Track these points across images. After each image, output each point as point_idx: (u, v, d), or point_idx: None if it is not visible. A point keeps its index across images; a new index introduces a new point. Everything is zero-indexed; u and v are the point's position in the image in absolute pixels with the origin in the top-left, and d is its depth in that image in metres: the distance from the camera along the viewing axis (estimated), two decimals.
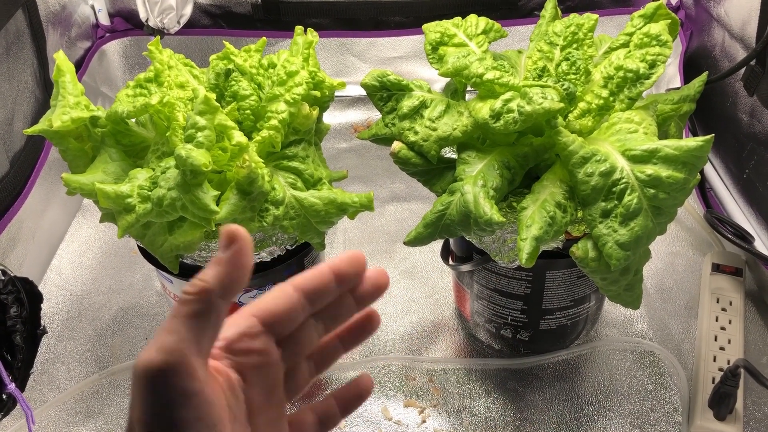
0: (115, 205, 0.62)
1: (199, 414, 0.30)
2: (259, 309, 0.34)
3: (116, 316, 0.88)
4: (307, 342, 0.37)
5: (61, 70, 0.67)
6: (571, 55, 0.69)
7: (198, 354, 0.31)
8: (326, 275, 0.35)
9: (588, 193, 0.61)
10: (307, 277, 0.35)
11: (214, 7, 1.19)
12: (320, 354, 0.39)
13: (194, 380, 0.30)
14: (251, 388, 0.34)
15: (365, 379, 0.40)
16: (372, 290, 0.38)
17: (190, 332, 0.31)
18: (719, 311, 0.81)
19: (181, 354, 0.30)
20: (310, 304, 0.35)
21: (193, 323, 0.31)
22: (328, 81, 0.70)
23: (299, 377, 0.38)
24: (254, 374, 0.35)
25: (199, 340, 0.31)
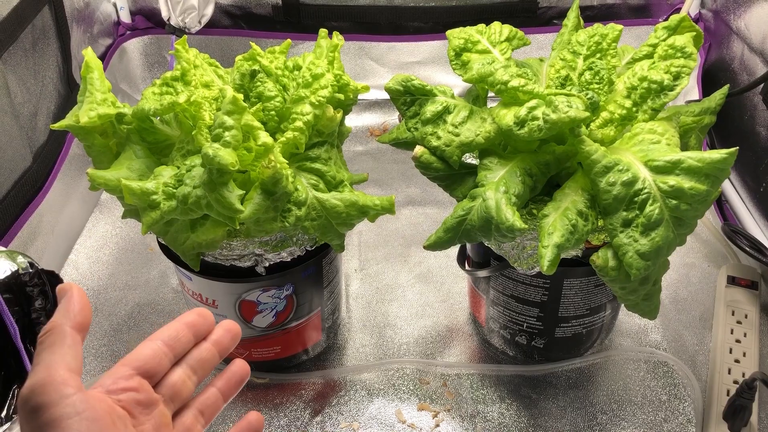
0: (141, 202, 0.63)
1: (76, 410, 0.35)
2: (128, 359, 0.41)
3: (132, 312, 0.89)
4: (184, 389, 0.43)
5: (89, 66, 0.68)
6: (595, 65, 0.69)
7: (66, 368, 0.36)
8: (180, 326, 0.43)
9: (610, 202, 0.61)
10: (164, 329, 0.43)
11: (235, 8, 1.19)
12: (205, 405, 0.45)
13: (66, 387, 0.35)
14: (141, 426, 0.39)
15: (255, 416, 0.47)
16: (228, 341, 0.46)
17: (51, 356, 0.36)
18: (734, 324, 0.81)
19: (47, 373, 0.35)
20: (170, 350, 0.42)
21: (53, 350, 0.37)
22: (352, 84, 0.70)
23: (189, 424, 0.43)
24: (139, 412, 0.39)
25: (62, 359, 0.36)
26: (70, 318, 0.38)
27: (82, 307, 0.39)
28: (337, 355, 0.83)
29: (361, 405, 0.77)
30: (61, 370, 0.36)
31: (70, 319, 0.38)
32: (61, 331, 0.38)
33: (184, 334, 0.43)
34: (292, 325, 0.75)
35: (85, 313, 0.39)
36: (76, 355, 0.37)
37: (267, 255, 0.67)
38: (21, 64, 0.84)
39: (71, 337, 0.38)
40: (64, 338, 0.38)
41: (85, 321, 0.39)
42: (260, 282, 0.70)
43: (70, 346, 0.37)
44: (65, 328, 0.38)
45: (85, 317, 0.39)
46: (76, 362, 0.37)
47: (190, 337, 0.43)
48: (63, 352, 0.37)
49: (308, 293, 0.74)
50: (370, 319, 0.87)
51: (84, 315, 0.39)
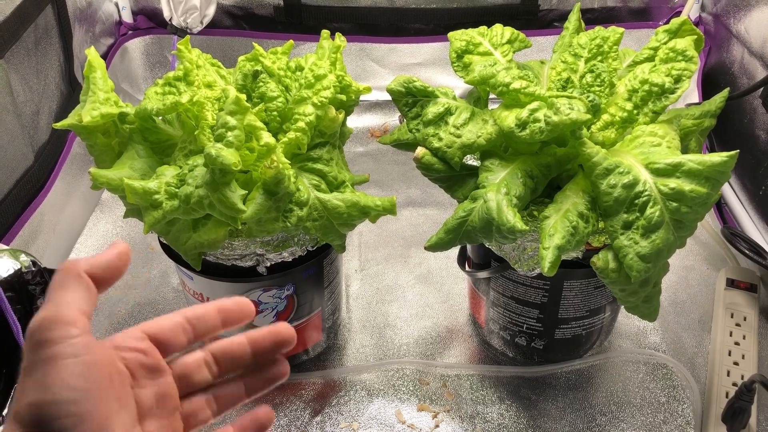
0: (143, 201, 0.63)
1: (75, 351, 0.34)
2: (145, 325, 0.39)
3: (132, 311, 0.89)
4: (198, 374, 0.41)
5: (92, 65, 0.68)
6: (596, 68, 0.69)
7: (77, 309, 0.35)
8: (210, 308, 0.41)
9: (610, 204, 0.61)
10: (193, 307, 0.41)
11: (237, 9, 1.20)
12: (222, 393, 0.42)
13: (72, 327, 0.34)
14: (141, 389, 0.38)
15: (265, 412, 0.43)
16: (269, 344, 0.42)
17: (64, 295, 0.35)
18: (733, 326, 0.82)
19: (56, 310, 0.34)
20: (191, 328, 0.40)
21: (66, 290, 0.36)
22: (354, 85, 0.70)
23: (197, 409, 0.41)
24: (142, 375, 0.38)
25: (75, 300, 0.35)
26: (91, 266, 0.37)
27: (109, 264, 0.37)
28: (337, 355, 0.83)
29: (361, 405, 0.77)
30: (72, 310, 0.35)
31: (90, 267, 0.37)
32: (76, 273, 0.36)
33: (211, 317, 0.41)
34: (292, 325, 0.75)
35: (108, 272, 0.37)
36: (89, 300, 0.36)
37: (268, 255, 0.67)
38: (23, 63, 0.85)
39: (86, 282, 0.36)
40: (80, 281, 0.36)
41: (105, 278, 0.37)
42: (261, 282, 0.70)
43: (85, 289, 0.36)
44: (80, 271, 0.36)
45: (107, 275, 0.37)
46: (88, 306, 0.36)
47: (218, 322, 0.41)
48: (77, 294, 0.36)
49: (309, 293, 0.74)
50: (370, 319, 0.88)
51: (106, 273, 0.37)
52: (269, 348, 0.42)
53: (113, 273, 0.38)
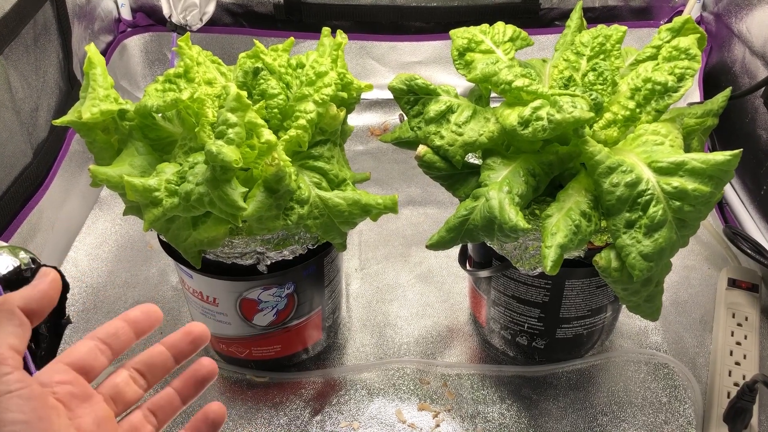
0: (143, 198, 0.62)
1: (8, 388, 0.35)
2: (61, 357, 0.40)
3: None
4: (129, 391, 0.42)
5: (92, 62, 0.67)
6: (598, 66, 0.69)
7: (7, 347, 0.36)
8: (119, 323, 0.42)
9: (613, 203, 0.61)
10: (103, 327, 0.42)
11: (237, 6, 1.19)
12: (157, 406, 0.43)
13: (4, 365, 0.35)
14: (79, 419, 0.39)
15: (216, 407, 0.44)
16: (186, 345, 0.44)
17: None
18: (735, 326, 0.81)
19: None
20: (107, 347, 0.41)
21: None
22: (356, 83, 0.70)
23: (138, 426, 0.42)
24: (76, 405, 0.39)
25: (5, 337, 0.36)
26: (24, 299, 0.38)
27: (43, 295, 0.39)
28: (337, 354, 0.83)
29: (362, 404, 0.77)
30: (2, 348, 0.36)
31: (24, 300, 0.38)
32: (9, 309, 0.37)
33: (123, 332, 0.42)
34: (292, 324, 0.75)
35: (43, 302, 0.39)
36: (20, 336, 0.37)
37: (269, 253, 0.67)
38: (22, 60, 0.84)
39: (18, 317, 0.37)
40: (12, 316, 0.37)
41: (40, 309, 0.38)
42: (261, 280, 0.70)
43: (17, 326, 0.37)
44: (13, 306, 0.37)
45: (41, 306, 0.38)
46: (20, 342, 0.37)
47: (131, 334, 0.42)
48: (8, 330, 0.36)
49: (309, 292, 0.74)
50: (370, 318, 0.87)
51: (41, 304, 0.38)
52: (188, 348, 0.44)
53: (48, 303, 0.39)
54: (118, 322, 0.42)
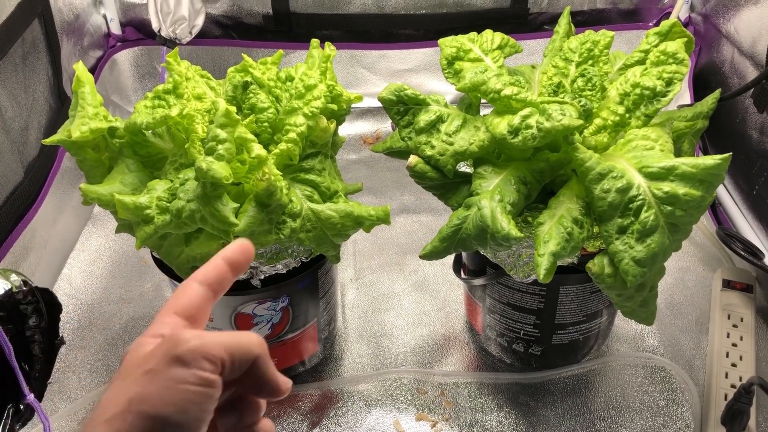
0: (134, 216, 0.62)
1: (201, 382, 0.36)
2: (177, 306, 0.39)
3: (127, 325, 0.88)
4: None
5: (80, 80, 0.67)
6: (587, 72, 0.69)
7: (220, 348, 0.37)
8: (222, 267, 0.41)
9: (605, 209, 0.61)
10: (208, 272, 0.40)
11: (226, 18, 1.19)
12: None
13: (209, 364, 0.36)
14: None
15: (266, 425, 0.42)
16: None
17: (207, 334, 0.37)
18: (730, 327, 0.81)
19: (201, 344, 0.36)
20: (213, 294, 0.40)
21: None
22: (345, 95, 0.70)
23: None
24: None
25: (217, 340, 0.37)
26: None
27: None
28: (334, 366, 0.82)
29: (359, 416, 0.76)
30: (217, 348, 0.36)
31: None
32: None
33: (226, 276, 0.41)
34: (288, 337, 0.75)
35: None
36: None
37: (262, 267, 0.67)
38: (11, 79, 0.84)
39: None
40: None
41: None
42: (256, 294, 0.70)
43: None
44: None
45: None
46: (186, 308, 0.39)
47: (231, 277, 0.41)
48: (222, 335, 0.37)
49: (304, 305, 0.74)
50: (366, 328, 0.87)
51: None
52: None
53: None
54: (219, 263, 0.41)
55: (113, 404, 0.34)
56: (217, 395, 0.35)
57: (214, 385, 0.35)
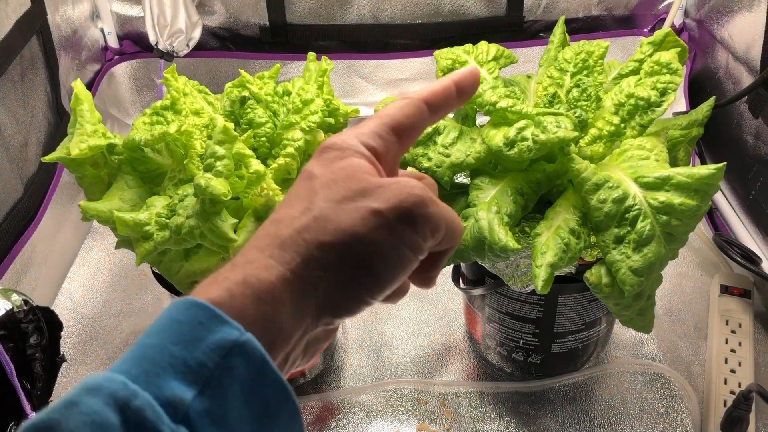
0: (134, 233, 0.63)
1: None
2: (390, 118, 0.36)
3: (128, 339, 0.89)
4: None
5: (78, 98, 0.68)
6: (582, 82, 0.70)
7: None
8: (451, 89, 0.38)
9: (601, 219, 0.62)
10: (435, 91, 0.38)
11: (223, 30, 1.20)
12: None
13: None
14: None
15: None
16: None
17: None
18: (729, 333, 0.82)
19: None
20: (431, 115, 0.38)
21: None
22: (342, 108, 0.71)
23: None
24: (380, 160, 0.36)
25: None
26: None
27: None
28: (334, 377, 0.83)
29: (360, 427, 0.77)
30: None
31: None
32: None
33: (452, 101, 0.38)
34: None
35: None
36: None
37: None
38: (10, 96, 0.84)
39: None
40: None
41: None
42: None
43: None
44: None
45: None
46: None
47: (457, 104, 0.39)
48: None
49: None
50: (366, 339, 0.87)
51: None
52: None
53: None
54: (447, 82, 0.38)
55: (333, 229, 0.32)
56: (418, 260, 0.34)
57: (423, 255, 0.34)
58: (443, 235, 0.35)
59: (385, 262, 0.32)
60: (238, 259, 0.32)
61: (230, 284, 0.31)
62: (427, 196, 0.33)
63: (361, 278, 0.32)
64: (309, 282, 0.32)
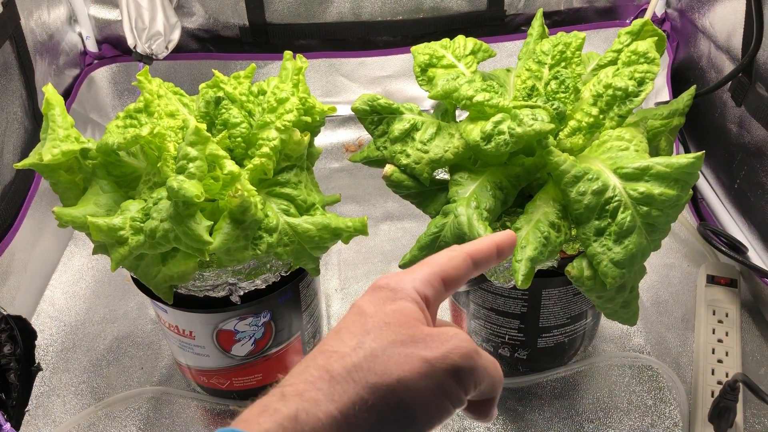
0: (108, 238, 0.62)
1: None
2: (442, 268, 0.39)
3: (111, 345, 0.88)
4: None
5: (50, 103, 0.67)
6: (560, 74, 0.69)
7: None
8: (493, 250, 0.41)
9: (581, 211, 0.61)
10: (481, 249, 0.40)
11: (202, 32, 1.19)
12: None
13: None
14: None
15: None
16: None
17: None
18: (716, 323, 0.81)
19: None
20: (474, 269, 0.40)
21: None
22: (318, 107, 0.70)
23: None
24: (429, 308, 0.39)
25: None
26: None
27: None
28: None
29: None
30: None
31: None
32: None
33: (491, 259, 0.41)
34: (272, 352, 0.75)
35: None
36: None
37: (241, 284, 0.66)
38: None
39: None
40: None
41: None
42: (236, 311, 0.69)
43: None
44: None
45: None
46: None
47: (495, 261, 0.42)
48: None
49: (286, 319, 0.73)
50: None
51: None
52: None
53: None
54: (492, 248, 0.41)
55: (382, 371, 0.33)
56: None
57: (462, 406, 0.35)
58: (484, 388, 0.36)
59: (425, 410, 0.34)
60: (288, 389, 0.33)
61: (282, 418, 0.32)
62: (473, 349, 0.35)
63: (401, 422, 0.33)
64: (353, 423, 0.33)
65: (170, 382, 0.82)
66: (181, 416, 0.78)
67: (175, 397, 0.80)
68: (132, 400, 0.80)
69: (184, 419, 0.78)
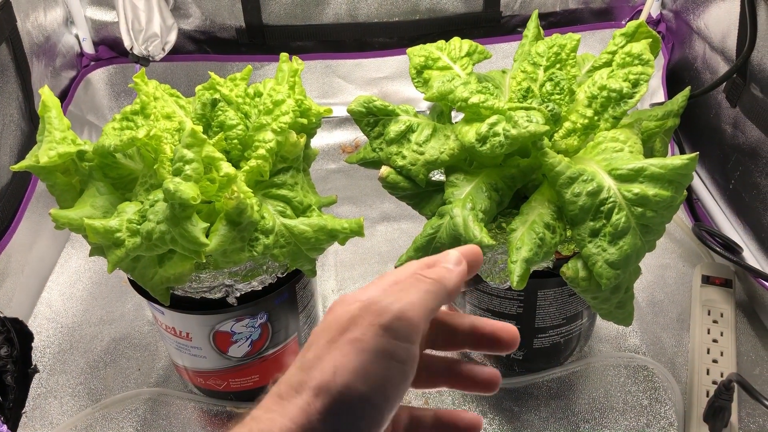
0: (105, 240, 0.62)
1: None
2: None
3: (108, 347, 0.88)
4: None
5: (46, 105, 0.67)
6: (555, 76, 0.69)
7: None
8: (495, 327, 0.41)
9: (576, 213, 0.61)
10: (483, 321, 0.41)
11: (199, 33, 1.19)
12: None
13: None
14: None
15: (474, 419, 0.41)
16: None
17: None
18: (711, 323, 0.82)
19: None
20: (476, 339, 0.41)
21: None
22: (314, 108, 0.70)
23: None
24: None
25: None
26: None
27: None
28: None
29: None
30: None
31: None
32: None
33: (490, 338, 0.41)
34: (269, 353, 0.75)
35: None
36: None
37: (237, 285, 0.67)
38: None
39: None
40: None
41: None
42: (233, 312, 0.69)
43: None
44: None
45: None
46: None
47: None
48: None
49: (283, 320, 0.74)
50: None
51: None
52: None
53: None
54: (496, 327, 0.41)
55: (319, 371, 0.33)
56: (413, 374, 0.35)
57: (414, 359, 0.34)
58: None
59: (373, 384, 0.33)
60: (246, 418, 0.34)
61: None
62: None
63: (357, 410, 0.33)
64: (311, 429, 0.33)
65: (167, 384, 0.83)
66: (178, 417, 0.79)
67: (172, 398, 0.80)
68: (129, 402, 0.80)
69: (182, 420, 0.78)
